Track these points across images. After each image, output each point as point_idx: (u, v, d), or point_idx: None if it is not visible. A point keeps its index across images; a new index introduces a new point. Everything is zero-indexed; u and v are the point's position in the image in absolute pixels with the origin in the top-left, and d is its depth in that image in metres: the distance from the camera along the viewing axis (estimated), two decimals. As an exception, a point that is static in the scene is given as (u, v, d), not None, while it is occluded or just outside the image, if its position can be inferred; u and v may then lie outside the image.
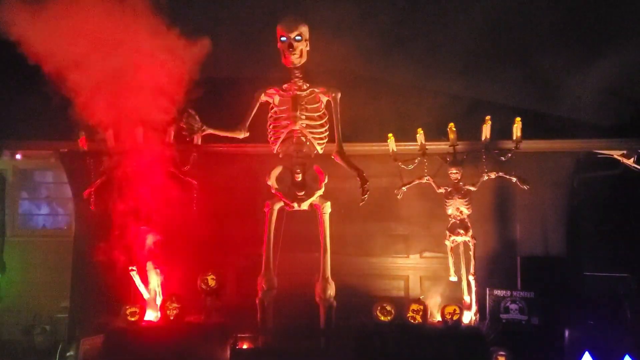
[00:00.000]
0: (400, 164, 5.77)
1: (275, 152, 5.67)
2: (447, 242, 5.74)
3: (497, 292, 5.89)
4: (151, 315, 5.62)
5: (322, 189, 5.51)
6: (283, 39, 5.30)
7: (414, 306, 5.39)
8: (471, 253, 5.64)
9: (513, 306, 5.79)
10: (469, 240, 5.65)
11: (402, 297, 6.50)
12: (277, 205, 5.62)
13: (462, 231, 5.63)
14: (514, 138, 5.57)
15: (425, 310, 5.39)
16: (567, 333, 5.52)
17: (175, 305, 5.43)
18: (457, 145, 5.74)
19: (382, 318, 5.38)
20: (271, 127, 5.64)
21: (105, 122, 5.58)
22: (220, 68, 5.57)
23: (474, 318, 5.57)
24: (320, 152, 5.64)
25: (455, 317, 5.31)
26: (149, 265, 5.71)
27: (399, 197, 5.79)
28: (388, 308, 5.40)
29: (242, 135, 5.64)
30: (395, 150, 5.78)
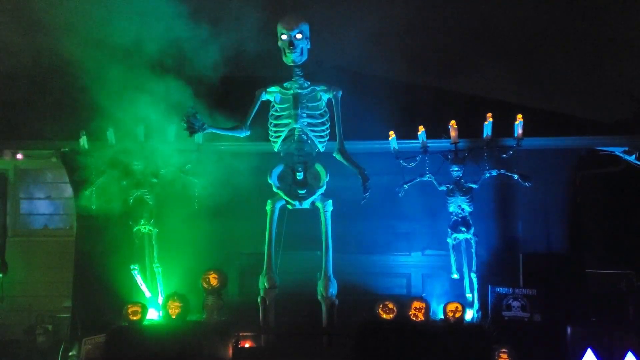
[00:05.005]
0: (401, 161, 5.76)
1: (276, 150, 5.66)
2: (449, 240, 5.73)
3: (499, 289, 5.87)
4: (153, 314, 5.62)
5: (324, 187, 5.50)
6: (284, 37, 5.28)
7: (416, 304, 5.38)
8: (473, 250, 5.64)
9: (515, 303, 5.77)
10: (470, 238, 5.64)
11: (404, 295, 6.48)
12: (279, 204, 5.61)
13: (463, 229, 5.62)
14: (516, 135, 5.56)
15: (427, 308, 5.38)
16: (569, 330, 5.51)
17: (177, 304, 5.41)
18: (459, 142, 5.73)
19: (384, 316, 5.37)
20: (272, 125, 5.62)
21: (106, 120, 5.59)
22: (221, 66, 5.55)
23: (476, 316, 5.57)
24: (322, 150, 5.62)
25: (457, 315, 5.30)
26: (151, 264, 5.72)
27: (400, 194, 5.78)
28: (390, 306, 5.38)
29: (243, 133, 5.62)
30: (396, 147, 5.77)
